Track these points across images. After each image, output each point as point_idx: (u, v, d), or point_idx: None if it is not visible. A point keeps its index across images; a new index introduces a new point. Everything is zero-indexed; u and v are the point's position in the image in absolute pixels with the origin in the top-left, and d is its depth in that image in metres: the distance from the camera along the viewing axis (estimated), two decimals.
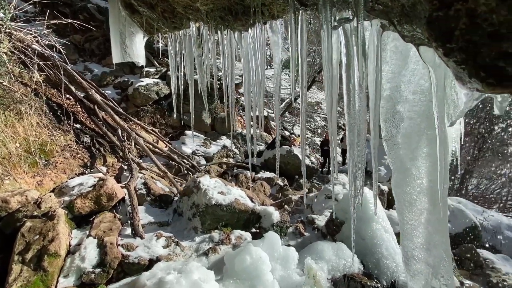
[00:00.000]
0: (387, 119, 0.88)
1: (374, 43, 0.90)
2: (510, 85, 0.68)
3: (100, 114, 6.15)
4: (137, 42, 2.14)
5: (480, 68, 0.69)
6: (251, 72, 1.42)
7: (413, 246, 0.87)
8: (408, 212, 0.87)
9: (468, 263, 5.44)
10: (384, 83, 0.89)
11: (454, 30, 0.70)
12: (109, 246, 3.58)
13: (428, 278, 0.82)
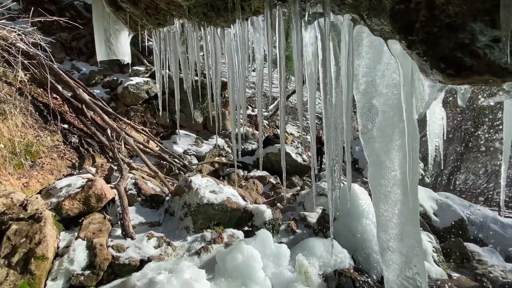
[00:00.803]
0: (363, 114, 0.90)
1: (346, 37, 0.91)
2: (468, 75, 0.70)
3: (88, 113, 6.04)
4: (122, 40, 2.10)
5: (440, 59, 0.71)
6: (234, 69, 1.41)
7: (388, 237, 0.89)
8: (383, 204, 0.89)
9: (455, 256, 5.58)
10: (360, 78, 0.91)
11: (415, 23, 0.72)
12: (99, 248, 3.53)
13: (402, 268, 0.84)
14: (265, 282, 3.07)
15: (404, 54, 0.75)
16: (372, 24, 0.80)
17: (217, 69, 1.58)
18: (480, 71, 0.68)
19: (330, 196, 1.11)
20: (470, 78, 0.70)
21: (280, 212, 5.60)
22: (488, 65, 0.66)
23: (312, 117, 1.07)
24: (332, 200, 1.12)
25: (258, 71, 1.24)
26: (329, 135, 0.95)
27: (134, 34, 2.74)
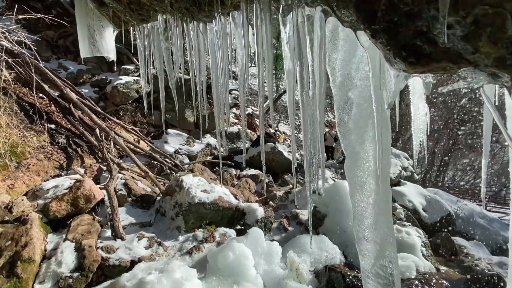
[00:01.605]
0: (340, 107, 0.91)
1: (318, 30, 0.93)
2: (427, 62, 0.71)
3: (76, 113, 5.91)
4: (107, 36, 2.06)
5: (401, 48, 0.73)
6: (218, 66, 1.40)
7: (364, 227, 0.91)
8: (359, 194, 0.91)
9: (443, 250, 5.72)
10: (337, 71, 0.92)
11: (377, 12, 0.73)
12: (88, 249, 3.47)
13: (377, 256, 0.86)
14: (256, 279, 3.08)
15: (372, 45, 0.76)
16: (342, 15, 0.82)
17: (201, 66, 1.57)
18: (438, 58, 0.70)
19: (309, 189, 1.12)
20: (429, 66, 0.72)
21: (272, 210, 5.62)
22: (444, 52, 0.68)
23: (291, 111, 1.08)
24: (310, 192, 1.14)
25: (241, 67, 1.24)
26: (306, 128, 0.96)
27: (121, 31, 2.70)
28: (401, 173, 7.53)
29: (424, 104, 1.77)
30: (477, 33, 0.61)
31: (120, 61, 9.07)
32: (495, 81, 0.68)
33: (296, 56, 0.94)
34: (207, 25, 1.42)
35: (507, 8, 0.56)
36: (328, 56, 0.93)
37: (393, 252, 0.85)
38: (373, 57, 0.80)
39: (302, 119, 0.99)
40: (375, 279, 0.86)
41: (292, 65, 0.97)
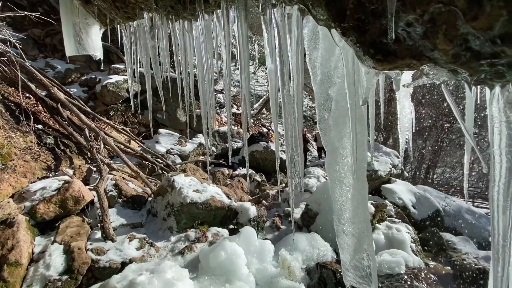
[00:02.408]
0: (320, 104, 0.93)
1: (295, 28, 0.94)
2: (394, 60, 0.74)
3: (64, 113, 5.79)
4: (93, 34, 2.02)
5: (370, 45, 0.75)
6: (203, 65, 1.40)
7: (343, 221, 0.93)
8: (338, 189, 0.93)
9: (432, 246, 5.85)
10: (318, 69, 0.94)
11: (346, 10, 0.75)
12: (77, 252, 3.41)
13: (355, 249, 0.88)
14: (248, 278, 3.09)
15: (345, 43, 0.78)
16: (317, 14, 0.83)
17: (187, 65, 1.56)
18: (402, 55, 0.72)
19: (291, 184, 1.14)
20: (395, 63, 0.74)
21: (265, 209, 5.64)
22: (407, 49, 0.70)
23: (274, 109, 1.09)
24: (292, 188, 1.15)
25: (225, 67, 1.24)
26: (287, 125, 0.97)
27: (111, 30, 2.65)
28: (391, 171, 7.65)
29: (410, 103, 1.81)
30: (434, 31, 0.64)
31: (109, 60, 8.92)
32: (456, 77, 0.70)
33: (276, 55, 0.96)
34: (192, 24, 1.42)
35: (458, 6, 0.58)
36: (309, 54, 0.95)
37: (370, 245, 0.87)
38: (347, 55, 0.82)
39: (283, 117, 1.00)
40: (354, 271, 0.88)
41: (273, 64, 0.98)
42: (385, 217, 5.54)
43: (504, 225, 0.58)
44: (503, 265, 0.58)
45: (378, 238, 4.83)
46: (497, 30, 0.55)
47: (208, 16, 1.25)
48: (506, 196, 0.58)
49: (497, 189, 0.60)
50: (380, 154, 7.83)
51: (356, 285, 0.90)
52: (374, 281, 0.87)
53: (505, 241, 0.58)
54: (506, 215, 0.58)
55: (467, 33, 0.59)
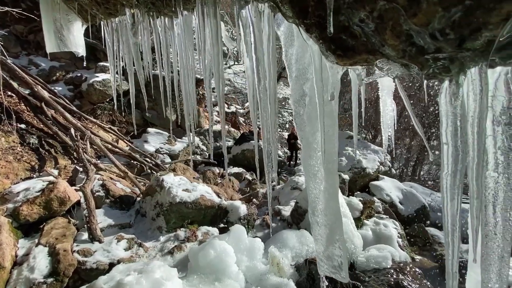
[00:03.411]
0: (296, 100, 0.95)
1: (266, 25, 0.96)
2: (352, 55, 0.77)
3: (48, 112, 5.63)
4: (75, 30, 1.97)
5: (330, 41, 0.77)
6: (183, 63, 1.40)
7: (317, 213, 0.95)
8: (312, 182, 0.96)
9: (418, 240, 6.02)
10: (293, 65, 0.96)
11: (308, 7, 0.77)
12: (63, 253, 3.34)
13: (328, 240, 0.91)
14: (238, 276, 3.10)
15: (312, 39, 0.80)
16: (286, 11, 0.85)
17: (168, 61, 1.55)
18: (360, 51, 0.75)
19: (268, 179, 1.16)
20: (354, 58, 0.77)
21: (255, 207, 5.66)
22: (363, 44, 0.73)
23: (252, 106, 1.11)
24: (270, 183, 1.17)
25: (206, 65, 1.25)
26: (264, 120, 0.99)
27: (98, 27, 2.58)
28: (379, 168, 7.81)
29: (392, 101, 1.86)
30: (383, 27, 0.66)
31: (96, 58, 8.72)
32: (409, 72, 0.73)
33: (252, 52, 0.97)
34: (173, 20, 1.41)
35: (400, 3, 0.61)
36: (285, 51, 0.96)
37: (341, 235, 0.90)
38: (314, 51, 0.84)
39: (260, 112, 1.02)
40: (327, 262, 0.91)
41: (249, 61, 1.00)
42: (373, 213, 5.66)
43: (452, 212, 0.61)
44: (453, 249, 0.61)
45: (366, 234, 4.94)
46: (435, 26, 0.58)
47: (188, 12, 1.24)
48: (453, 184, 0.62)
49: (446, 177, 0.64)
50: (368, 152, 7.98)
51: (329, 275, 0.93)
52: (344, 269, 0.90)
53: (454, 225, 0.62)
54: (453, 202, 0.61)
55: (409, 29, 0.62)
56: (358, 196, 6.84)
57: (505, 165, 0.59)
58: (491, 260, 0.59)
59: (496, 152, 0.59)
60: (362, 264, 4.02)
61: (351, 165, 7.58)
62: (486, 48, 0.54)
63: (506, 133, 0.58)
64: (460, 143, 0.60)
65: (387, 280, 3.53)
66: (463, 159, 0.59)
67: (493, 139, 0.59)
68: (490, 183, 0.59)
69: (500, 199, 0.59)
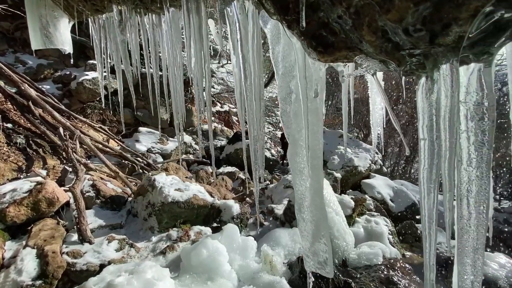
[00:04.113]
0: (283, 98, 0.96)
1: (251, 22, 0.97)
2: (333, 51, 0.78)
3: (36, 111, 5.50)
4: (62, 27, 1.92)
5: (312, 38, 0.78)
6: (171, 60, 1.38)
7: (303, 209, 0.97)
8: (298, 179, 0.97)
9: (408, 237, 6.14)
10: (280, 62, 0.97)
11: (289, 3, 0.78)
12: (51, 255, 3.27)
13: (314, 236, 0.92)
14: (231, 274, 3.11)
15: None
16: (270, 8, 0.85)
17: (156, 59, 1.54)
18: (339, 47, 0.76)
19: (255, 176, 1.16)
20: (334, 54, 0.78)
21: (248, 206, 5.67)
22: (343, 41, 0.74)
23: (240, 105, 1.11)
24: (256, 180, 1.18)
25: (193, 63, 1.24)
26: (251, 118, 1.00)
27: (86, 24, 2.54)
28: (371, 166, 7.92)
29: (381, 99, 1.89)
30: (359, 23, 0.67)
31: (86, 56, 8.55)
32: (388, 68, 0.75)
33: (238, 49, 0.97)
34: (161, 17, 1.40)
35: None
36: (272, 49, 0.97)
37: (326, 231, 0.91)
38: (297, 48, 0.85)
39: (247, 110, 1.02)
40: (313, 257, 0.92)
41: (236, 58, 1.00)
42: (365, 211, 5.74)
43: (429, 206, 0.63)
44: (430, 242, 0.63)
45: (358, 231, 5.00)
46: (408, 21, 0.59)
47: (176, 9, 1.23)
48: (430, 179, 0.64)
49: (422, 172, 0.66)
50: (360, 151, 8.08)
51: (315, 271, 0.94)
52: (329, 264, 0.92)
53: (431, 219, 0.64)
54: (430, 196, 0.63)
55: (384, 25, 0.63)
56: (350, 194, 6.92)
57: (478, 160, 0.61)
58: (466, 252, 0.61)
59: (469, 147, 0.61)
60: (354, 261, 4.08)
61: (343, 163, 7.66)
62: (457, 44, 0.55)
63: (479, 129, 0.59)
64: (436, 138, 0.61)
65: (378, 276, 3.59)
66: (438, 154, 0.61)
67: (467, 134, 0.61)
68: (465, 177, 0.61)
69: (473, 193, 0.60)
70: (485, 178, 0.59)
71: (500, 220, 10.53)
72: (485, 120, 0.59)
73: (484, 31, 0.53)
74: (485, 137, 0.59)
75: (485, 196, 0.58)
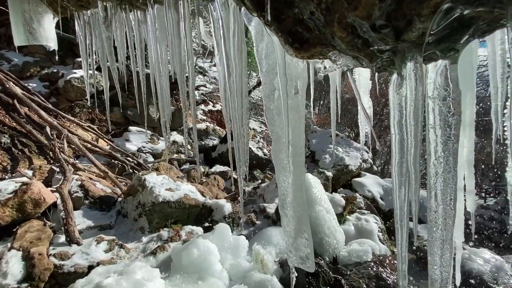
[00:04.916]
0: (267, 95, 0.97)
1: (232, 19, 0.98)
2: (308, 48, 0.79)
3: (22, 110, 5.35)
4: (46, 23, 1.86)
5: (288, 34, 0.79)
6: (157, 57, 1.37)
7: (286, 205, 0.98)
8: (281, 175, 0.98)
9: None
10: (263, 59, 0.97)
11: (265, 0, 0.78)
12: (37, 257, 3.20)
13: (296, 231, 0.94)
14: (222, 274, 3.10)
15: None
16: (251, 5, 0.86)
17: (142, 57, 1.52)
18: (314, 43, 0.77)
19: (239, 173, 1.17)
20: (310, 51, 0.79)
21: (240, 205, 5.67)
22: (317, 37, 0.76)
23: (224, 102, 1.11)
24: (241, 179, 1.19)
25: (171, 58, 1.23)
26: (234, 113, 1.00)
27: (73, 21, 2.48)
28: (361, 165, 8.04)
29: (368, 98, 1.92)
30: (331, 20, 0.68)
31: (74, 54, 8.37)
32: (361, 64, 0.77)
33: (222, 46, 0.98)
34: (146, 14, 1.38)
35: None
36: (256, 46, 0.97)
37: (307, 226, 0.93)
38: (277, 45, 0.86)
39: (230, 106, 1.03)
40: (296, 253, 0.94)
41: (219, 55, 1.01)
42: (355, 209, 5.82)
43: (400, 199, 0.65)
44: (401, 234, 0.65)
45: (348, 229, 5.07)
46: (375, 18, 0.60)
47: (160, 5, 1.22)
48: (400, 173, 0.66)
49: (394, 166, 0.68)
50: (351, 150, 8.19)
51: (297, 266, 0.95)
52: (311, 258, 0.94)
53: (402, 211, 0.66)
54: (401, 190, 0.65)
55: (353, 21, 0.64)
56: (341, 192, 7.01)
57: (446, 154, 0.63)
58: (436, 244, 0.63)
59: (437, 141, 0.63)
60: (344, 258, 4.14)
61: (335, 162, 7.75)
62: (420, 40, 0.57)
63: (447, 123, 0.62)
64: (405, 133, 0.63)
65: (367, 273, 3.65)
66: (407, 148, 0.63)
67: (434, 129, 0.63)
68: (433, 171, 0.64)
69: (441, 186, 0.63)
70: (452, 172, 0.61)
71: (485, 217, 10.86)
72: (452, 115, 0.61)
73: (449, 28, 0.54)
74: (452, 131, 0.61)
75: (452, 189, 0.60)
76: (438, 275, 0.63)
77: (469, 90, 1.13)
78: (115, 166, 6.14)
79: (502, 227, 10.09)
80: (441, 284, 0.63)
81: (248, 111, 0.97)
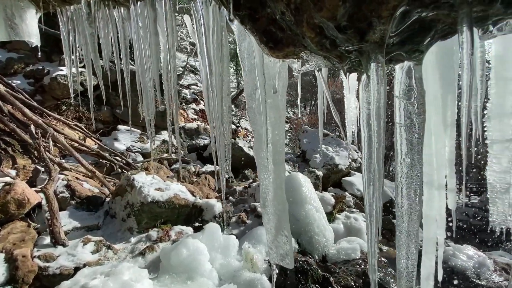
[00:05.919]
0: (249, 94, 0.98)
1: (211, 18, 0.99)
2: (282, 47, 0.81)
3: (5, 108, 5.18)
4: (29, 18, 1.81)
5: (263, 33, 0.81)
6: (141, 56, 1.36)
7: (267, 203, 1.00)
8: (263, 174, 1.00)
9: (385, 232, 6.39)
10: (245, 59, 0.99)
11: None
12: (21, 260, 3.11)
13: (277, 228, 0.96)
14: (211, 273, 3.10)
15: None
16: (228, 4, 0.86)
17: (127, 56, 1.50)
18: (287, 43, 0.79)
19: (221, 169, 1.18)
20: (284, 50, 0.81)
21: (231, 205, 5.66)
22: (289, 37, 0.78)
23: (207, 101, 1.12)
24: (223, 175, 1.20)
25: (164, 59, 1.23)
26: (215, 112, 1.01)
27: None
28: (351, 164, 8.16)
29: (355, 98, 1.96)
30: (300, 20, 0.70)
31: (60, 50, 8.15)
32: (332, 64, 0.79)
33: (203, 44, 0.98)
34: (130, 10, 1.36)
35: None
36: (239, 45, 0.98)
37: (287, 224, 0.95)
38: (254, 45, 0.87)
39: (213, 105, 1.03)
40: (276, 250, 0.95)
41: (201, 54, 1.01)
42: (345, 207, 5.91)
43: (369, 196, 0.67)
44: (371, 230, 0.68)
45: (338, 228, 5.15)
46: (340, 18, 0.62)
47: (143, 2, 1.21)
48: (369, 170, 0.68)
49: (364, 164, 0.70)
50: (341, 149, 8.31)
51: (278, 262, 0.97)
52: (290, 255, 0.95)
53: (372, 207, 0.68)
54: (369, 187, 0.68)
55: (320, 22, 0.66)
56: (331, 191, 7.10)
57: (412, 152, 0.65)
58: (402, 238, 0.66)
59: (402, 139, 0.66)
60: (333, 256, 4.20)
61: (325, 162, 7.84)
62: (382, 41, 0.59)
63: (411, 122, 0.64)
64: (372, 132, 0.65)
65: (355, 270, 3.72)
66: (373, 146, 0.65)
67: (400, 128, 0.66)
68: (399, 168, 0.66)
69: (406, 183, 0.65)
70: (417, 168, 0.63)
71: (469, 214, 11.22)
72: (417, 114, 0.64)
73: (411, 30, 0.57)
74: (416, 130, 0.63)
75: (417, 185, 0.63)
76: (404, 267, 0.66)
77: (450, 91, 1.17)
78: (103, 165, 6.03)
79: (484, 224, 10.46)
80: (407, 276, 0.66)
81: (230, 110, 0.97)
